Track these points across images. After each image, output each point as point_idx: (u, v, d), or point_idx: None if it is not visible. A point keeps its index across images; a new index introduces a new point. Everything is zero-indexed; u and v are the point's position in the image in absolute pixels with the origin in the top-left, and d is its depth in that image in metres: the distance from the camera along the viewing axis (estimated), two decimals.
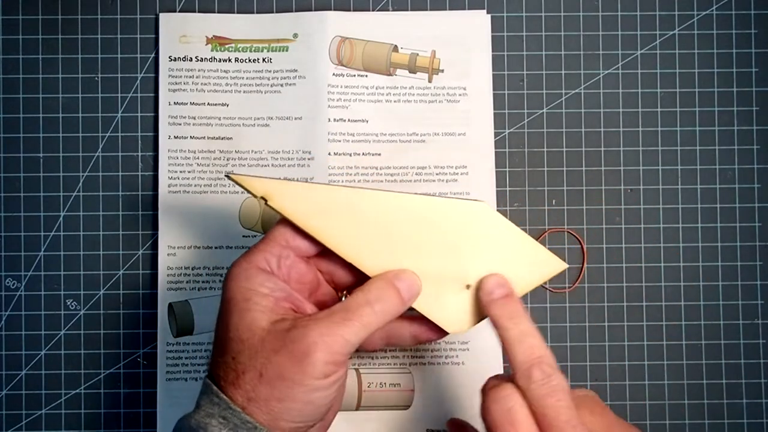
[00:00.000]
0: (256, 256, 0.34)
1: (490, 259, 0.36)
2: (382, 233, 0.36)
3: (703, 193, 0.51)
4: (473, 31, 0.51)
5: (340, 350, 0.32)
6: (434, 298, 0.36)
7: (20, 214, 0.50)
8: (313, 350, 0.31)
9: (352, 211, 0.35)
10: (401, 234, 0.36)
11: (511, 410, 0.31)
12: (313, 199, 0.35)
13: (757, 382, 0.50)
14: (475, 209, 0.36)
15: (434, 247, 0.36)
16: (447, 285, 0.36)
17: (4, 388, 0.49)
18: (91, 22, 0.51)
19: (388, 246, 0.36)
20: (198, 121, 0.50)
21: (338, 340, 0.32)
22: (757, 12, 0.51)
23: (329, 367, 0.32)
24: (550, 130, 0.51)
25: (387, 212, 0.36)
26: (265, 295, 0.33)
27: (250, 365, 0.32)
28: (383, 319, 0.34)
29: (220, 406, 0.32)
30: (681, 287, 0.51)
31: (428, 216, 0.36)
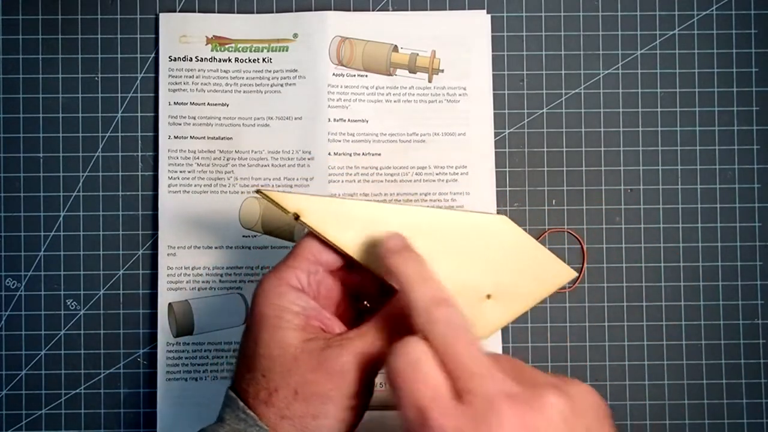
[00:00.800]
0: (287, 273, 0.34)
1: (510, 270, 0.38)
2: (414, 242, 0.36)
3: (703, 193, 0.51)
4: (473, 31, 0.51)
5: (373, 369, 0.32)
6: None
7: (20, 214, 0.50)
8: (349, 368, 0.31)
9: (381, 225, 0.36)
10: (425, 246, 0.36)
11: (418, 362, 0.28)
12: (343, 214, 0.36)
13: (757, 382, 0.50)
14: (495, 222, 0.38)
15: (456, 259, 0.37)
16: (470, 295, 0.37)
17: (4, 388, 0.49)
18: (91, 22, 0.51)
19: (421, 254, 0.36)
20: (198, 121, 0.50)
21: (370, 360, 0.32)
22: (757, 12, 0.51)
23: (364, 384, 0.32)
24: (550, 130, 0.51)
25: (411, 225, 0.37)
26: (297, 314, 0.33)
27: (283, 383, 0.32)
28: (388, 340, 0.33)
29: (247, 422, 0.32)
30: (681, 287, 0.51)
31: (450, 229, 0.37)
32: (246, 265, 0.49)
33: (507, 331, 0.50)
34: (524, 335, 0.50)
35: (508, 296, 0.38)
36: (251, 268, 0.49)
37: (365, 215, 0.36)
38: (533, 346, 0.50)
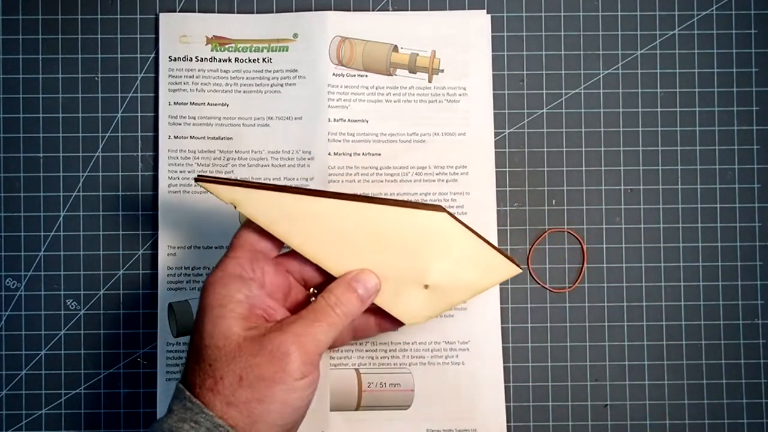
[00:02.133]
0: (229, 264, 0.36)
1: (448, 263, 0.39)
2: (347, 238, 0.38)
3: (703, 193, 0.51)
4: (473, 31, 0.51)
5: (314, 350, 0.34)
6: (394, 295, 0.39)
7: (20, 214, 0.50)
8: (291, 350, 0.33)
9: (317, 217, 0.38)
10: (365, 239, 0.38)
11: None
12: (279, 206, 0.38)
13: (757, 382, 0.50)
14: (434, 218, 0.39)
15: (396, 251, 0.39)
16: (407, 284, 0.39)
17: (4, 388, 0.49)
18: (91, 22, 0.51)
19: (352, 250, 0.38)
20: (198, 121, 0.50)
21: (311, 340, 0.34)
22: (757, 12, 0.51)
23: (306, 367, 0.34)
24: (550, 130, 0.51)
25: (351, 219, 0.38)
26: (240, 302, 0.35)
27: (228, 370, 0.33)
28: (346, 319, 0.36)
29: (193, 411, 0.32)
30: (681, 287, 0.51)
31: (390, 223, 0.38)
32: None
33: (507, 331, 0.50)
34: (524, 335, 0.50)
35: (445, 288, 0.39)
36: None
37: (304, 208, 0.38)
38: (533, 346, 0.50)
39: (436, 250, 0.39)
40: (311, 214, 0.38)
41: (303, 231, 0.38)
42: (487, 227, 0.50)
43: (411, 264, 0.39)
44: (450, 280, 0.39)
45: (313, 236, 0.38)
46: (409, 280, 0.39)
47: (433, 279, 0.39)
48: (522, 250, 0.51)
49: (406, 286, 0.39)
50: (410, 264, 0.39)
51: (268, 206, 0.38)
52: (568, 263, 0.51)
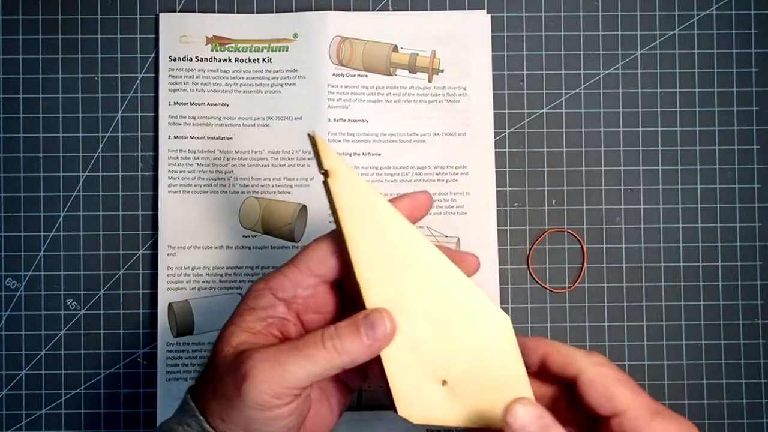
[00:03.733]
0: (274, 279, 0.33)
1: (479, 369, 0.33)
2: (405, 274, 0.33)
3: (703, 193, 0.51)
4: (473, 31, 0.51)
5: (280, 381, 0.30)
6: (407, 368, 0.33)
7: (20, 214, 0.50)
8: (250, 376, 0.30)
9: (394, 240, 0.33)
10: (420, 288, 0.33)
11: None
12: (367, 204, 0.33)
13: (757, 382, 0.50)
14: (494, 319, 0.33)
15: (438, 320, 0.33)
16: (426, 365, 0.33)
17: (4, 388, 0.49)
18: (91, 22, 0.51)
19: (402, 289, 0.33)
20: (198, 121, 0.50)
21: (278, 369, 0.30)
22: (757, 12, 0.51)
23: (266, 398, 0.30)
24: (550, 130, 0.51)
25: (418, 260, 0.33)
26: (260, 318, 0.32)
27: (211, 379, 0.32)
28: (338, 358, 0.31)
29: (188, 413, 0.32)
30: (681, 287, 0.51)
31: (452, 293, 0.33)
32: (246, 265, 0.49)
33: None
34: (524, 335, 0.50)
35: (463, 394, 0.33)
36: (251, 268, 0.49)
37: (385, 219, 0.33)
38: None
39: (476, 348, 0.33)
40: (392, 233, 0.33)
41: (372, 244, 0.33)
42: (487, 227, 0.50)
43: (444, 345, 0.32)
44: (470, 390, 0.33)
45: (377, 256, 0.33)
46: (432, 362, 0.32)
47: (455, 377, 0.33)
48: (522, 250, 0.51)
49: (425, 367, 0.33)
50: (443, 344, 0.32)
51: (356, 198, 0.33)
52: (568, 263, 0.51)
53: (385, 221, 0.33)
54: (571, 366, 0.32)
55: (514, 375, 0.33)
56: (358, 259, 0.33)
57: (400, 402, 0.32)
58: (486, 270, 0.50)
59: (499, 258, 0.50)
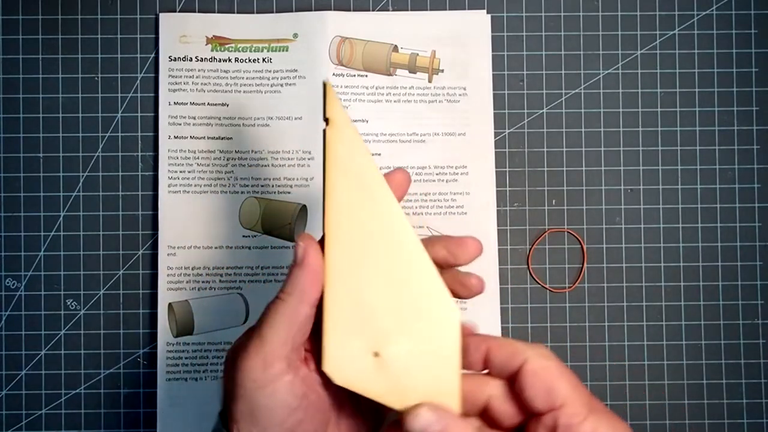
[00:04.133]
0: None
1: (415, 355, 0.33)
2: (372, 237, 0.33)
3: (703, 193, 0.51)
4: (473, 31, 0.51)
5: (262, 348, 0.32)
6: (346, 328, 0.33)
7: (20, 214, 0.50)
8: (236, 359, 0.32)
9: (372, 203, 0.33)
10: (382, 256, 0.33)
11: None
12: (354, 162, 0.33)
13: (757, 382, 0.50)
14: (444, 311, 0.33)
15: (390, 294, 0.33)
16: (365, 333, 0.33)
17: (4, 388, 0.49)
18: (91, 22, 0.51)
19: (364, 252, 0.33)
20: (198, 121, 0.50)
21: (256, 342, 0.32)
22: (757, 12, 0.51)
23: (258, 371, 0.31)
24: (550, 130, 0.51)
25: (390, 229, 0.33)
26: None
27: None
28: (294, 299, 0.32)
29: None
30: (681, 287, 0.51)
31: (412, 272, 0.33)
32: (246, 265, 0.49)
33: (507, 331, 0.50)
34: (524, 335, 0.50)
35: (391, 372, 0.33)
36: (251, 268, 0.49)
37: (374, 188, 0.33)
38: None
39: (421, 330, 0.33)
40: (372, 194, 0.33)
41: (350, 197, 0.33)
42: (487, 227, 0.50)
43: (394, 315, 0.33)
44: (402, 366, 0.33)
45: (351, 212, 0.33)
46: (370, 333, 0.33)
47: (390, 352, 0.32)
48: (522, 250, 0.51)
49: (362, 334, 0.33)
50: (393, 314, 0.33)
51: (347, 151, 0.33)
52: (568, 263, 0.51)
53: (369, 182, 0.33)
54: (515, 357, 0.31)
55: (448, 372, 0.33)
56: (332, 209, 0.33)
57: (328, 358, 0.33)
58: (486, 270, 0.50)
59: (499, 258, 0.50)
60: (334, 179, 0.33)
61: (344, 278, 0.33)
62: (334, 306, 0.33)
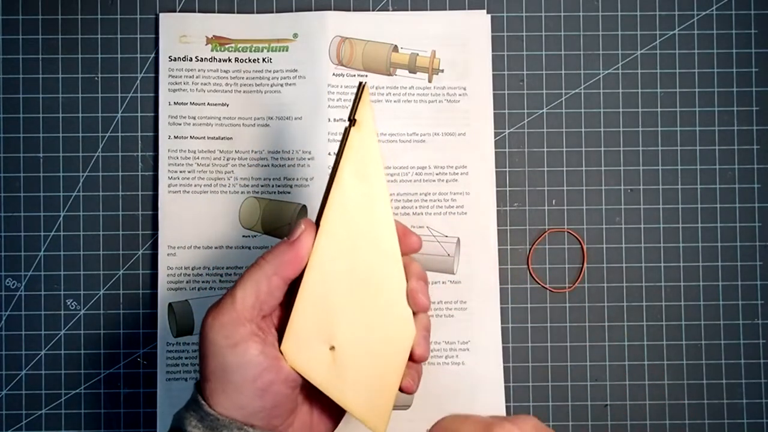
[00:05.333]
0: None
1: (366, 356, 0.35)
2: (359, 237, 0.35)
3: (703, 193, 0.51)
4: (473, 31, 0.51)
5: (232, 306, 0.34)
6: (312, 317, 0.35)
7: (20, 214, 0.50)
8: (208, 317, 0.34)
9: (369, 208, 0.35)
10: (362, 258, 0.35)
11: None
12: (366, 166, 0.35)
13: (757, 382, 0.50)
14: (402, 327, 0.35)
15: (359, 295, 0.35)
16: (326, 325, 0.35)
17: (4, 388, 0.49)
18: (91, 22, 0.51)
19: (348, 248, 0.35)
20: (198, 121, 0.50)
21: (227, 300, 0.34)
22: (757, 12, 0.51)
23: (228, 328, 0.33)
24: (550, 130, 0.51)
25: (376, 234, 0.35)
26: None
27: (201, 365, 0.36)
28: (272, 265, 0.34)
29: (195, 401, 0.34)
30: (681, 287, 0.51)
31: (386, 282, 0.35)
32: (246, 265, 0.49)
33: (507, 331, 0.50)
34: (524, 335, 0.50)
35: (340, 368, 0.35)
36: None
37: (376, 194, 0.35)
38: (533, 346, 0.50)
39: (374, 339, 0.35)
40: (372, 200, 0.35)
41: (352, 196, 0.35)
42: (487, 227, 0.50)
43: (349, 319, 0.35)
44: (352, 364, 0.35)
45: (349, 208, 0.35)
46: (330, 326, 0.35)
47: (341, 345, 0.35)
48: (522, 250, 0.51)
49: (323, 325, 0.35)
50: (348, 319, 0.35)
51: (363, 155, 0.35)
52: (568, 263, 0.51)
53: (374, 189, 0.35)
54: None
55: (387, 384, 0.35)
56: (334, 204, 0.35)
57: (288, 340, 0.35)
58: (486, 270, 0.50)
59: (499, 258, 0.50)
60: (344, 177, 0.35)
61: (325, 270, 0.35)
62: (308, 293, 0.35)
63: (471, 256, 0.50)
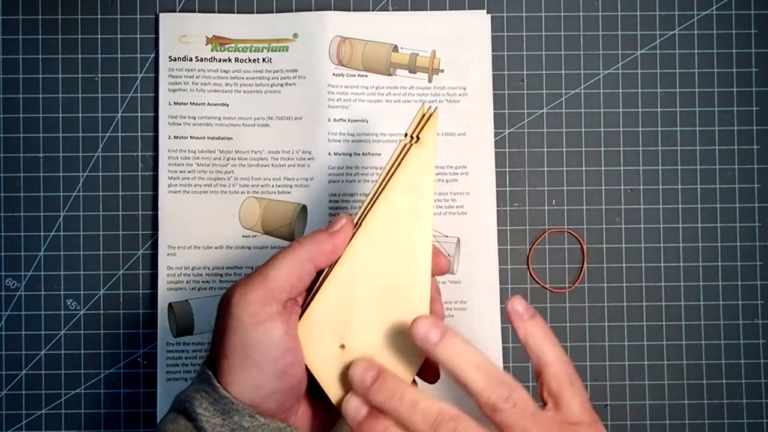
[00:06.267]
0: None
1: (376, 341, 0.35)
2: (393, 245, 0.36)
3: (703, 193, 0.51)
4: (473, 31, 0.51)
5: (263, 284, 0.33)
6: (331, 310, 0.35)
7: (20, 214, 0.50)
8: (235, 293, 0.33)
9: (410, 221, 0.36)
10: (391, 265, 0.36)
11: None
12: (417, 183, 0.36)
13: (757, 382, 0.50)
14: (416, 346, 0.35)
15: (378, 301, 0.35)
16: (341, 322, 0.35)
17: (4, 388, 0.49)
18: (91, 22, 0.51)
19: (380, 252, 0.36)
20: (198, 121, 0.50)
21: (258, 278, 0.33)
22: (757, 12, 0.51)
23: (256, 305, 0.33)
24: (550, 130, 0.51)
25: (412, 247, 0.36)
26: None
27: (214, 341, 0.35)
28: (307, 250, 0.34)
29: (205, 382, 0.34)
30: (681, 287, 0.51)
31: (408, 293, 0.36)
32: (246, 265, 0.49)
33: (507, 331, 0.50)
34: None
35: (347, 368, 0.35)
36: (251, 268, 0.49)
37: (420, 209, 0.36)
38: None
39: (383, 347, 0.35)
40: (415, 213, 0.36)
41: (397, 207, 0.36)
42: (487, 227, 0.50)
43: (364, 322, 0.35)
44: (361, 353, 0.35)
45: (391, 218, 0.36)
46: (344, 324, 0.35)
47: (352, 347, 0.35)
48: (522, 250, 0.51)
49: (338, 321, 0.35)
50: (364, 321, 0.35)
51: (418, 172, 0.36)
52: (568, 263, 0.51)
53: (422, 205, 0.36)
54: None
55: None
56: (380, 212, 0.36)
57: (303, 324, 0.35)
58: (486, 270, 0.50)
59: (499, 258, 0.50)
60: (396, 188, 0.36)
61: (355, 269, 0.36)
62: (334, 286, 0.35)
63: (471, 256, 0.50)
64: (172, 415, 0.35)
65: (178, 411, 0.34)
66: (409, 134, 0.37)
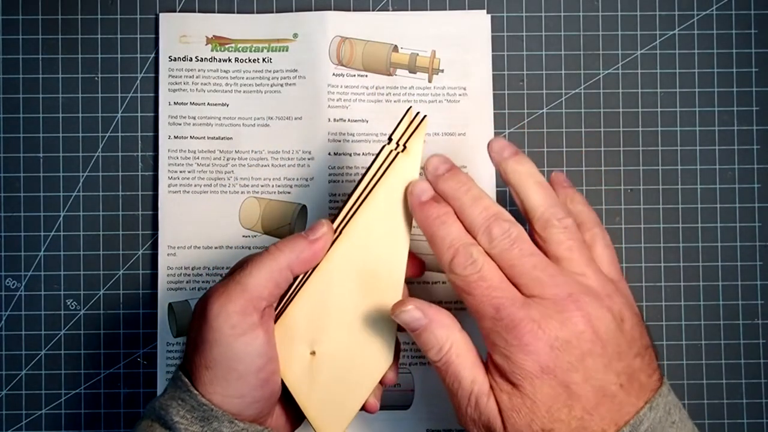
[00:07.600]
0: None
1: (341, 370, 0.36)
2: (369, 255, 0.36)
3: (703, 193, 0.51)
4: (473, 31, 0.51)
5: (241, 294, 0.33)
6: (306, 316, 0.36)
7: (20, 214, 0.50)
8: (213, 302, 0.33)
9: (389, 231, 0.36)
10: (368, 272, 0.36)
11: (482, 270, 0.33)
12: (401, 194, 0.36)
13: (757, 382, 0.50)
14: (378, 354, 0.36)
15: (350, 308, 0.36)
16: (312, 329, 0.36)
17: (4, 388, 0.49)
18: (91, 22, 0.51)
19: (358, 259, 0.36)
20: (198, 121, 0.50)
21: (236, 287, 0.33)
22: (757, 12, 0.51)
23: (235, 316, 0.33)
24: (550, 130, 0.51)
25: (388, 260, 0.36)
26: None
27: (191, 347, 0.35)
28: (286, 257, 0.34)
29: (181, 389, 0.33)
30: (681, 287, 0.51)
31: (380, 303, 0.36)
32: None
33: None
34: None
35: (317, 376, 0.36)
36: None
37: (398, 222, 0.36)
38: None
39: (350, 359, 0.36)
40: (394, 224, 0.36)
41: (378, 215, 0.36)
42: None
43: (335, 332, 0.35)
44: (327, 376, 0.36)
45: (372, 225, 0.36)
46: (316, 332, 0.35)
47: (324, 351, 0.36)
48: None
49: (309, 328, 0.36)
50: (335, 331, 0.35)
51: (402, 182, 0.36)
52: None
53: (401, 215, 0.36)
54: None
55: (356, 399, 0.36)
56: (360, 217, 0.36)
57: (281, 328, 0.35)
58: None
59: None
60: (378, 197, 0.36)
61: (331, 278, 0.36)
62: (309, 294, 0.35)
63: None
64: (146, 423, 0.34)
65: (152, 419, 0.34)
66: (395, 140, 0.37)
